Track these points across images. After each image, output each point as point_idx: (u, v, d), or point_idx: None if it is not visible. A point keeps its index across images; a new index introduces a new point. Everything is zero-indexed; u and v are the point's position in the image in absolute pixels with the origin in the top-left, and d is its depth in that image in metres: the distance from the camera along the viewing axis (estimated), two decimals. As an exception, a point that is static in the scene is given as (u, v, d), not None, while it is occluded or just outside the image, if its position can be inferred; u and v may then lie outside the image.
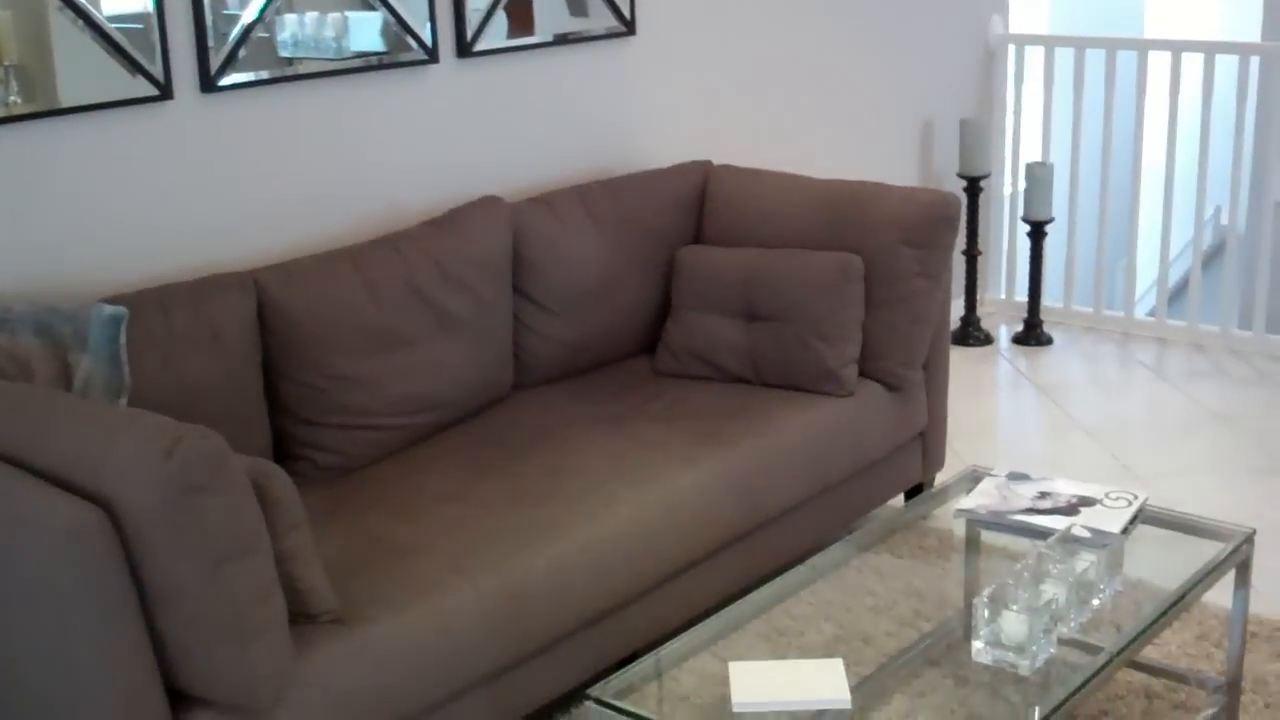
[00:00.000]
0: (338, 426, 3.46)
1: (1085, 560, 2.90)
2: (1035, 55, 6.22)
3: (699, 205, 4.34)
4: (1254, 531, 3.15)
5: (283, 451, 3.46)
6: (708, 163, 4.46)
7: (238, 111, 3.55)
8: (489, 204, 3.85)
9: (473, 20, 4.05)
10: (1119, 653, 2.74)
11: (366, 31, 3.80)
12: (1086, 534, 3.04)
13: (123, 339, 2.99)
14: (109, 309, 2.99)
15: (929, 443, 4.27)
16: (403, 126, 3.93)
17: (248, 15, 3.51)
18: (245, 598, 2.52)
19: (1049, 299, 6.21)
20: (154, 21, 3.34)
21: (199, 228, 3.52)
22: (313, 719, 2.69)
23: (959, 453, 4.86)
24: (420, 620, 2.87)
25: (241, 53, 3.51)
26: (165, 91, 3.38)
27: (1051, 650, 2.73)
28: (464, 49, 4.04)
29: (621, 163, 4.57)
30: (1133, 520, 3.17)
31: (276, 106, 3.63)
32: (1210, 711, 3.22)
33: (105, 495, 2.46)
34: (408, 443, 3.61)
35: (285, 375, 3.41)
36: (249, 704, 2.57)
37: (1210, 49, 5.73)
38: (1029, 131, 6.27)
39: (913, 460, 4.22)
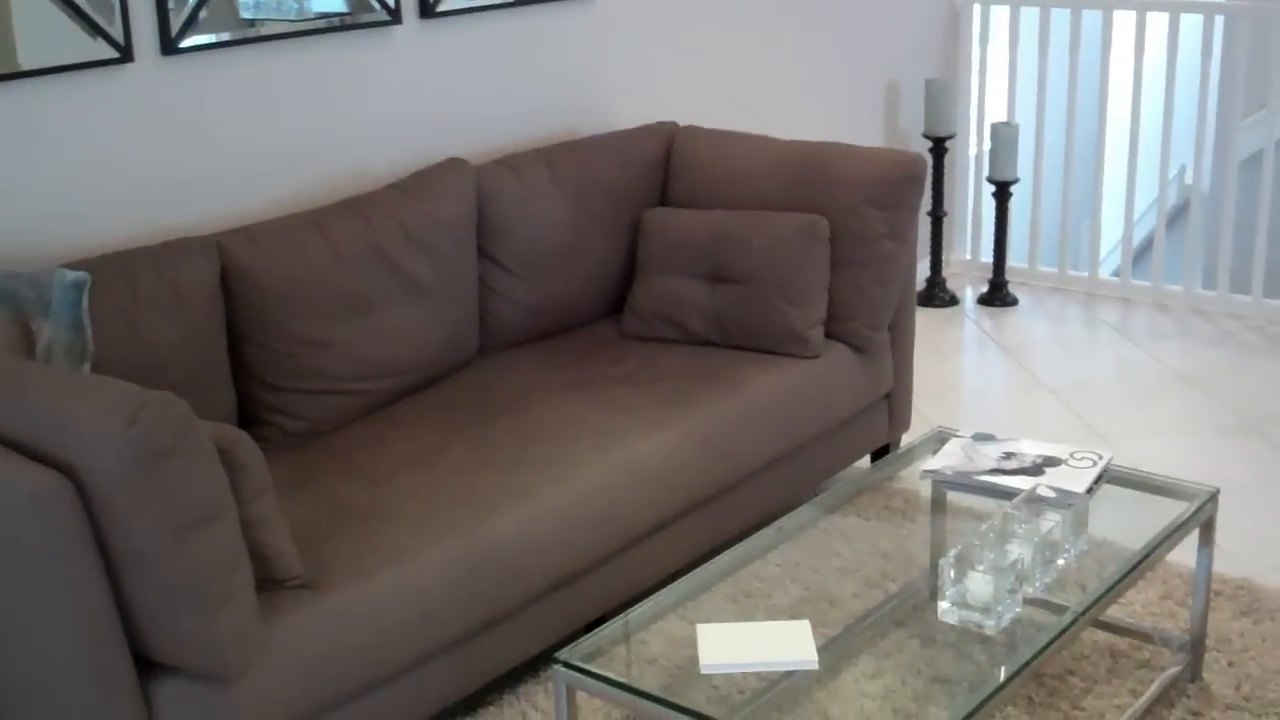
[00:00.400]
0: (303, 391, 3.44)
1: (1050, 520, 2.91)
2: (1000, 15, 6.21)
3: (664, 167, 4.33)
4: (1217, 491, 3.17)
5: (248, 417, 3.45)
6: (673, 124, 4.44)
7: (199, 74, 3.52)
8: (453, 166, 3.83)
9: (436, -19, 4.02)
10: (1084, 612, 2.76)
11: (329, -7, 3.77)
12: (1051, 494, 3.06)
13: (85, 304, 2.97)
14: (71, 274, 2.96)
15: (895, 404, 4.28)
16: (366, 88, 3.90)
17: (208, -23, 3.48)
18: (211, 564, 2.51)
19: (1014, 260, 6.22)
20: (113, -17, 3.30)
21: (161, 192, 3.49)
22: (281, 685, 2.69)
23: (925, 414, 4.87)
24: (388, 585, 2.87)
25: (202, 14, 3.48)
26: (125, 54, 3.35)
27: (1017, 610, 2.75)
28: (427, 9, 4.01)
29: (586, 124, 4.55)
30: (1097, 480, 3.19)
31: (238, 69, 3.60)
32: (1174, 669, 3.25)
33: (69, 462, 2.44)
34: (373, 407, 3.60)
35: (249, 340, 3.40)
36: (216, 671, 2.56)
37: (1175, 8, 5.74)
38: (994, 92, 6.27)
39: (879, 422, 4.23)
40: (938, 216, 5.94)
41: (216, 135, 3.58)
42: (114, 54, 3.33)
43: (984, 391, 5.14)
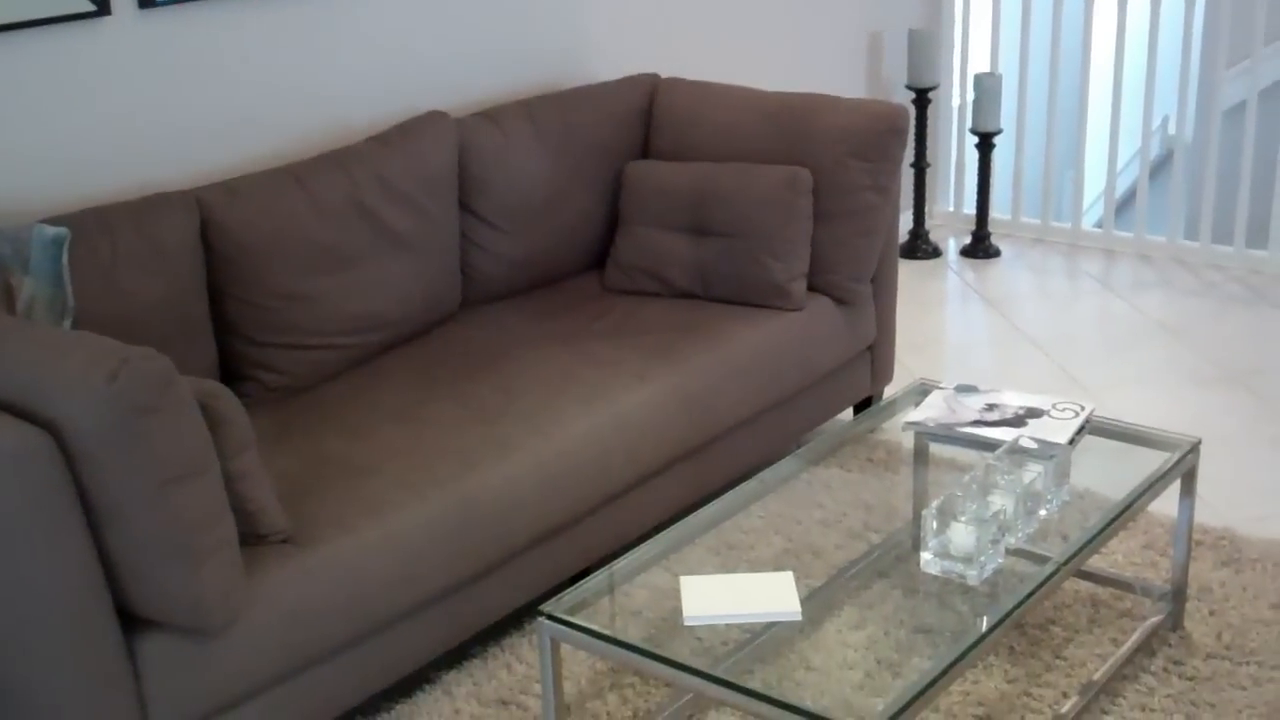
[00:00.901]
0: (285, 346, 3.44)
1: (1032, 471, 2.92)
2: (983, -35, 6.19)
3: (647, 119, 4.31)
4: (1199, 441, 3.18)
5: (230, 372, 3.44)
6: (655, 76, 4.42)
7: (178, 28, 3.49)
8: (434, 119, 3.81)
9: (416, -68, 3.99)
10: (1066, 562, 2.77)
11: (307, -55, 3.74)
12: (1034, 445, 3.06)
13: (65, 260, 2.96)
14: (51, 230, 2.95)
15: (877, 356, 4.29)
16: (347, 41, 3.87)
17: (186, -72, 3.45)
18: (194, 519, 2.51)
19: (997, 211, 6.22)
20: (89, -65, 3.27)
21: (140, 147, 3.47)
22: (265, 639, 2.70)
23: (907, 366, 4.88)
24: (372, 539, 2.87)
25: (180, -33, 3.46)
26: (103, 7, 3.32)
27: (999, 560, 2.76)
28: (407, -38, 3.98)
29: (568, 76, 4.53)
30: (1079, 431, 3.20)
31: (217, 22, 3.57)
32: (1156, 619, 3.26)
33: (51, 418, 2.44)
34: (356, 362, 3.60)
35: (231, 295, 3.39)
36: (200, 625, 2.57)
37: (1158, -42, 5.72)
38: (977, 42, 6.25)
39: (861, 374, 4.24)
40: (920, 168, 5.93)
41: (195, 89, 3.56)
42: (91, 7, 3.30)
43: (967, 343, 5.15)
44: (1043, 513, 2.92)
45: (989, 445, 3.12)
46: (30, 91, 3.25)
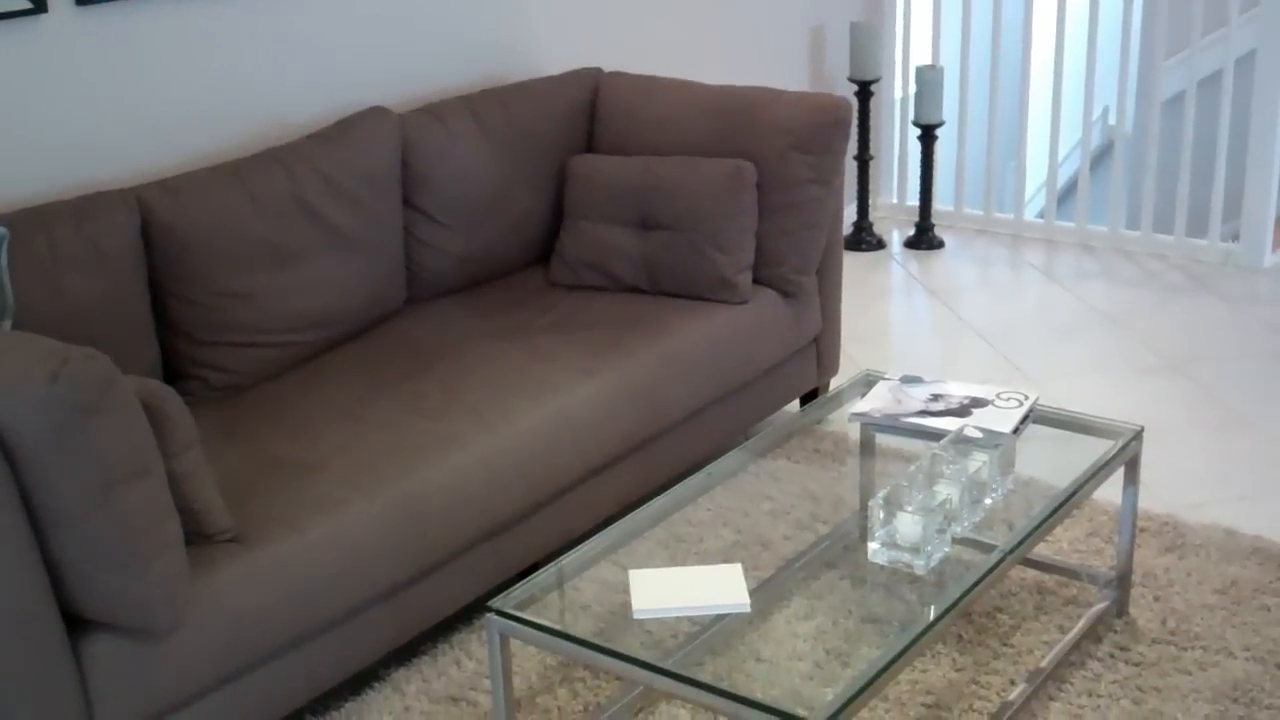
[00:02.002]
0: (228, 345, 3.41)
1: (978, 460, 2.94)
2: (924, -42, 6.22)
3: (590, 113, 4.31)
4: (1142, 429, 3.21)
5: (173, 371, 3.42)
6: (598, 70, 4.42)
7: (116, 25, 3.46)
8: (376, 115, 3.79)
9: (356, -72, 3.97)
10: (1012, 550, 2.79)
11: (247, -60, 3.71)
12: (978, 434, 3.08)
13: (4, 260, 2.93)
14: (-12, 230, 2.92)
15: (823, 348, 4.30)
16: (287, 37, 3.85)
17: (123, -75, 3.42)
18: (139, 520, 2.50)
19: (940, 202, 6.25)
20: (25, -68, 3.24)
21: (79, 145, 3.44)
22: (212, 639, 2.68)
23: (853, 357, 4.90)
24: (318, 538, 2.86)
25: (117, -37, 3.43)
26: (39, 4, 3.29)
27: (946, 549, 2.78)
28: (348, -43, 3.97)
29: (511, 71, 4.52)
30: (1024, 420, 3.22)
31: (155, 20, 3.54)
32: (1101, 605, 3.29)
33: (-9, 420, 2.42)
34: (301, 360, 3.58)
35: (172, 294, 3.36)
36: (146, 626, 2.55)
37: (1096, -50, 5.76)
38: (919, 34, 6.28)
39: (807, 366, 4.25)
40: (864, 160, 5.96)
41: (135, 88, 3.53)
42: (28, 5, 3.27)
43: (911, 334, 5.17)
44: (988, 501, 2.94)
45: (934, 435, 3.14)
46: (-34, 90, 3.22)
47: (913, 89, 5.98)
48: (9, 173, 3.32)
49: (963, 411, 3.23)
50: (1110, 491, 3.59)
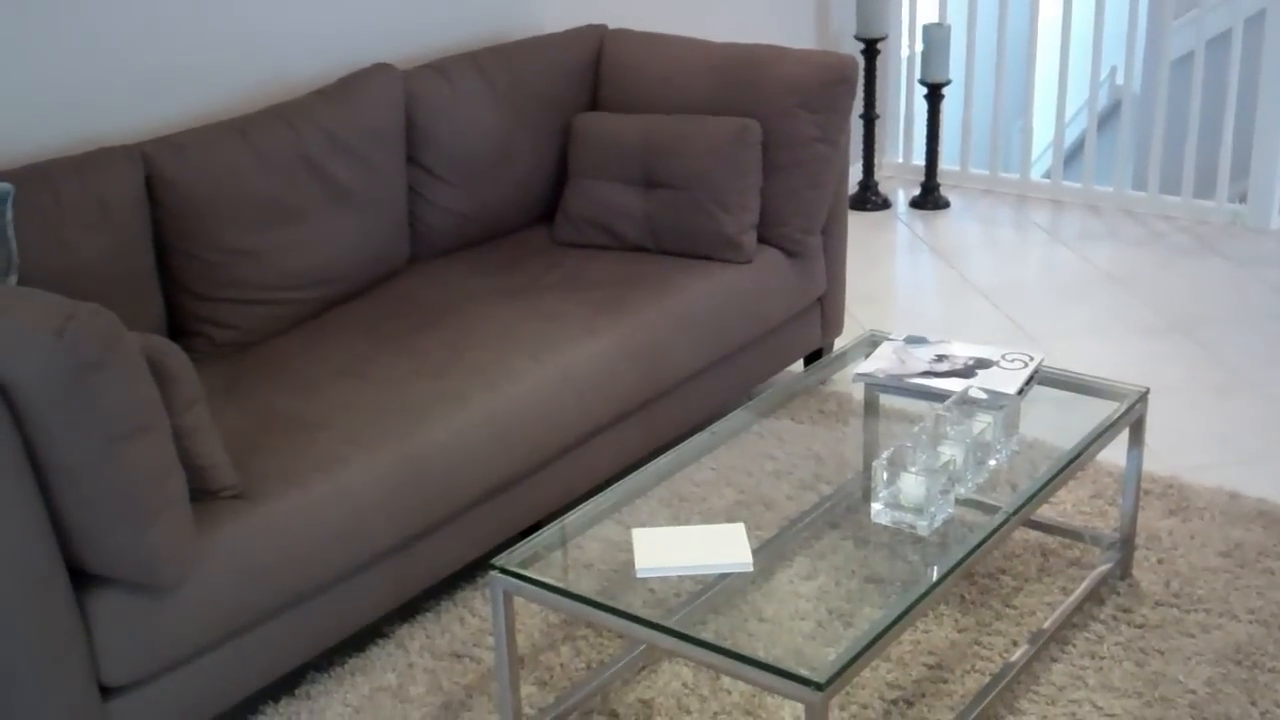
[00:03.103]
0: (232, 301, 3.41)
1: (982, 421, 2.94)
2: (932, -84, 6.18)
3: (595, 71, 4.29)
4: (1147, 391, 3.21)
5: (178, 328, 3.42)
6: (603, 27, 4.40)
7: (119, -22, 3.45)
8: (380, 71, 3.78)
9: (361, -118, 3.95)
10: (1015, 512, 2.79)
11: (251, -106, 3.69)
12: (983, 396, 3.08)
13: (9, 216, 2.92)
14: (-8, 185, 2.91)
15: (827, 308, 4.29)
16: (291, -7, 3.84)
17: (127, -122, 3.40)
18: (144, 476, 2.50)
19: (946, 162, 6.23)
20: (28, -115, 3.22)
21: (83, 101, 3.43)
22: (216, 595, 2.69)
23: (857, 317, 4.89)
24: (322, 494, 2.86)
25: (121, -83, 3.41)
26: (43, -42, 3.28)
27: (949, 511, 2.78)
28: (352, -88, 3.94)
29: (515, 28, 4.50)
30: (1028, 381, 3.22)
31: (160, -27, 3.53)
32: (1105, 567, 3.29)
33: (-5, 375, 2.42)
34: (304, 317, 3.58)
35: (177, 250, 3.35)
36: (151, 582, 2.56)
37: (1105, -92, 5.72)
38: (926, -7, 6.25)
39: (812, 326, 4.25)
40: (870, 119, 5.93)
41: (140, 43, 3.51)
42: (31, -42, 3.26)
43: (916, 294, 5.17)
44: (992, 463, 2.94)
45: (939, 396, 3.14)
46: (-30, 44, 3.20)
47: (919, 47, 5.95)
48: (13, 129, 3.30)
49: (967, 372, 3.22)
50: (1114, 453, 3.59)
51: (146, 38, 3.52)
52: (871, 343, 3.45)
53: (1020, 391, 3.15)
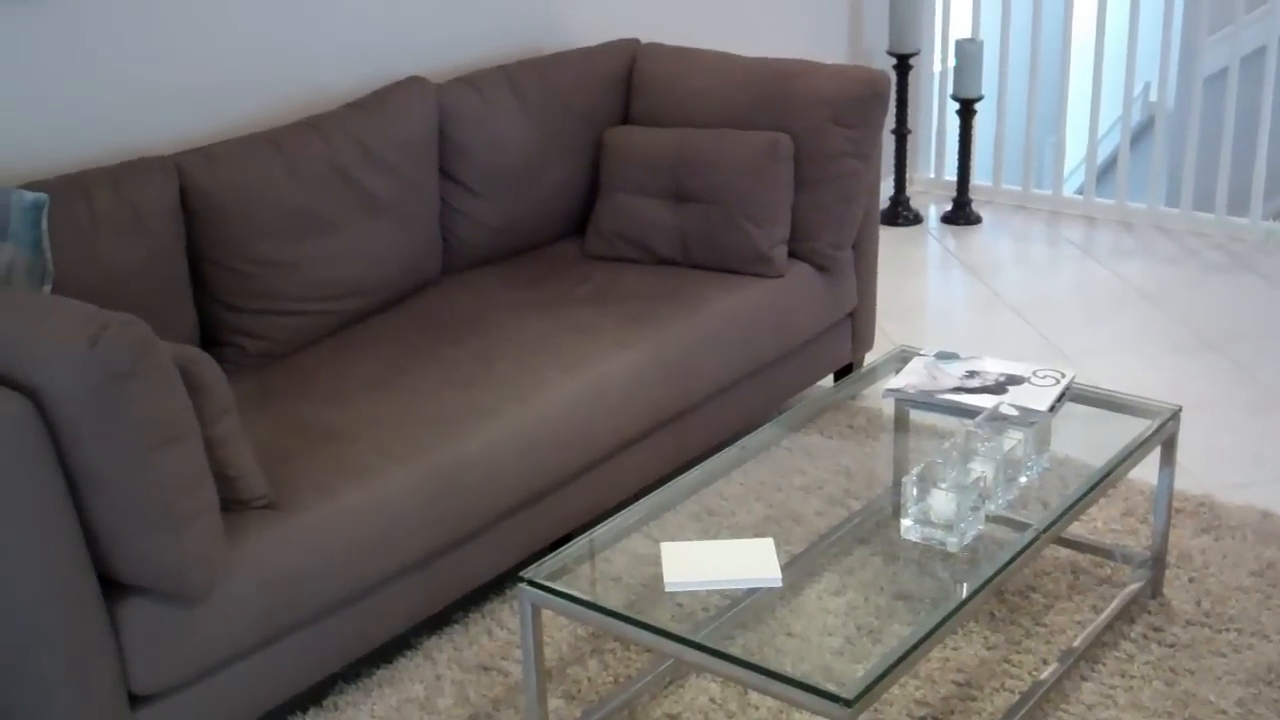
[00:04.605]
0: (265, 312, 3.42)
1: (1013, 438, 2.92)
2: (965, -69, 6.17)
3: (627, 85, 4.30)
4: (1180, 409, 3.19)
5: (210, 338, 3.43)
6: (635, 41, 4.41)
7: (155, -10, 3.47)
8: (413, 84, 3.79)
9: (396, -104, 3.96)
10: (1046, 529, 2.77)
11: (287, -93, 3.71)
12: (1014, 412, 3.07)
13: (44, 225, 2.94)
14: (29, 195, 2.93)
15: (858, 323, 4.29)
16: (325, 5, 3.85)
17: (163, -110, 3.42)
18: (175, 485, 2.51)
19: (978, 177, 6.22)
20: (66, -103, 3.24)
21: (118, 113, 3.45)
22: (246, 604, 2.69)
23: (888, 333, 4.88)
24: (352, 505, 2.87)
25: (158, -71, 3.43)
26: (80, -30, 3.30)
27: (979, 527, 2.77)
28: (387, -75, 3.96)
29: (548, 41, 4.51)
30: (1060, 398, 3.20)
31: (195, -15, 3.55)
32: (1135, 586, 3.28)
33: (31, 384, 2.43)
34: (336, 328, 3.59)
35: (210, 260, 3.37)
36: (182, 591, 2.56)
37: (1140, -76, 5.71)
38: (959, 8, 6.24)
39: (842, 340, 4.24)
40: (902, 134, 5.93)
41: (173, 55, 3.53)
42: (68, -30, 3.28)
43: (947, 310, 5.15)
44: (1023, 480, 2.93)
45: (969, 412, 3.13)
46: (5, 58, 3.22)
47: (952, 63, 5.95)
48: (49, 140, 3.33)
49: (998, 389, 3.21)
50: (1146, 471, 3.58)
51: (182, 51, 3.54)
52: (902, 358, 3.44)
53: (1051, 408, 3.14)
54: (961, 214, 6.03)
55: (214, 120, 3.65)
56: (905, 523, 2.77)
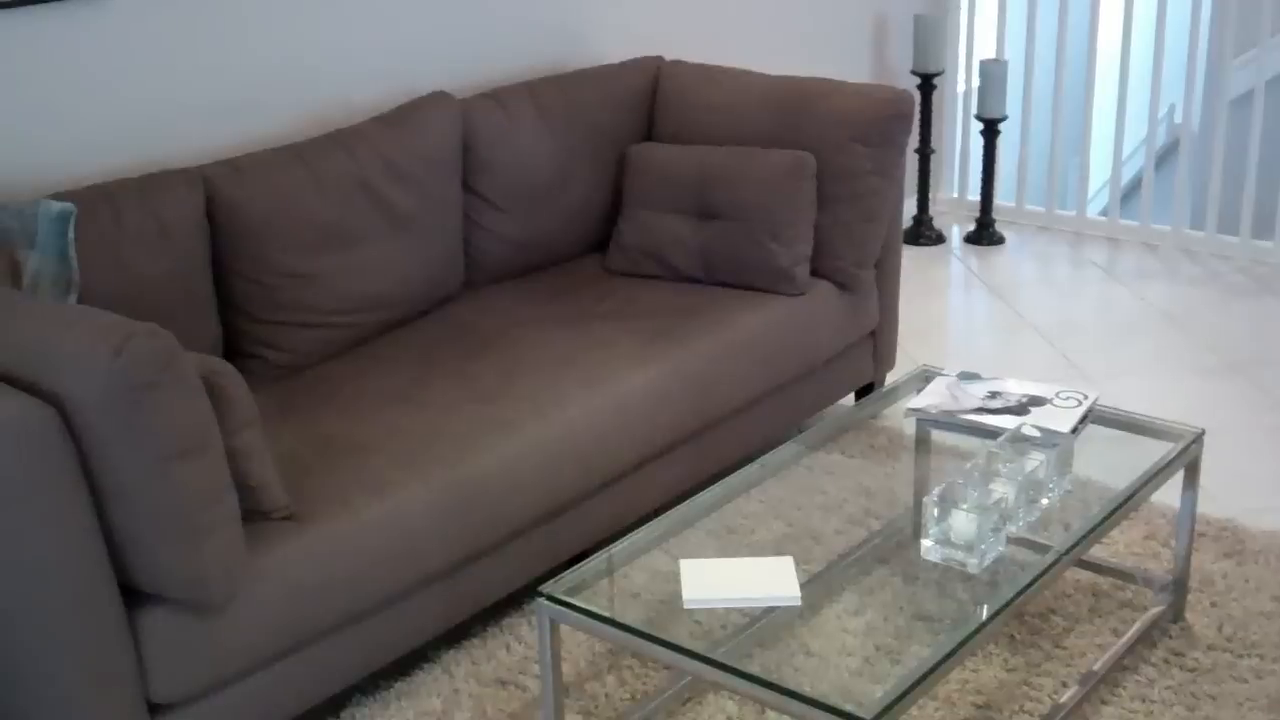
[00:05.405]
0: (288, 324, 3.43)
1: (1035, 459, 2.92)
2: (991, -49, 6.17)
3: (650, 102, 4.30)
4: (1203, 432, 3.18)
5: (234, 349, 3.44)
6: (659, 58, 4.41)
7: (183, 5, 3.48)
8: (438, 99, 3.80)
9: (423, -89, 3.98)
10: (1067, 551, 2.77)
11: (315, -79, 3.73)
12: (1036, 433, 3.06)
13: (71, 235, 2.96)
14: (57, 205, 2.94)
15: (880, 342, 4.28)
16: (351, 20, 3.86)
17: (193, -96, 3.44)
18: (197, 495, 2.51)
19: (1001, 198, 6.21)
20: (96, -91, 3.26)
21: (145, 125, 3.47)
22: (266, 615, 2.70)
23: (910, 352, 4.88)
24: (372, 518, 2.87)
25: (187, -58, 3.45)
26: (109, -18, 3.32)
27: (1000, 549, 2.76)
28: (414, -60, 3.97)
29: (572, 58, 4.52)
30: (1082, 420, 3.19)
31: (223, 1, 3.57)
32: (1157, 610, 3.26)
33: (56, 393, 2.44)
34: (358, 341, 3.60)
35: (235, 272, 3.38)
36: (201, 601, 2.57)
37: (1167, -54, 5.70)
38: (983, 27, 6.24)
39: (863, 359, 4.24)
40: (925, 154, 5.92)
41: (200, 68, 3.55)
42: (97, -19, 3.30)
43: (970, 330, 5.15)
44: (1044, 501, 2.92)
45: (991, 433, 3.12)
46: (37, 69, 3.24)
47: (976, 82, 5.94)
48: (78, 151, 3.34)
49: (1021, 410, 3.21)
50: (1169, 494, 3.56)
51: (210, 64, 3.56)
52: (924, 378, 3.44)
53: (1074, 430, 3.13)
54: (984, 234, 6.02)
55: (241, 133, 3.66)
56: (925, 543, 2.77)
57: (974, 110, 5.97)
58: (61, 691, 2.50)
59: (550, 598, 2.65)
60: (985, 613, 2.58)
